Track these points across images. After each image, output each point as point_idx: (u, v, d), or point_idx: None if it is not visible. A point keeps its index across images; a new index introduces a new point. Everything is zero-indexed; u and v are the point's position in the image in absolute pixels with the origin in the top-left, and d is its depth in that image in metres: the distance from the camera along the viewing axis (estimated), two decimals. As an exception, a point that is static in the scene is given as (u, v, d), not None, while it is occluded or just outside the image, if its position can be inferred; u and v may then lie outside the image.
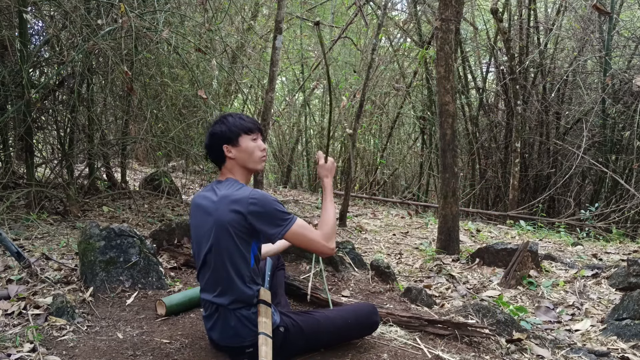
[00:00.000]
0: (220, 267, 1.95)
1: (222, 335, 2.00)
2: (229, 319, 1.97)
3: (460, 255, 4.07)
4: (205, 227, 1.98)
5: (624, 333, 2.52)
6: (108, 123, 5.77)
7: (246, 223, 1.91)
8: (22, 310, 2.38)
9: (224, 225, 1.92)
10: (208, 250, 1.96)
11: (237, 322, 1.96)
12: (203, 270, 2.02)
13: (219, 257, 1.95)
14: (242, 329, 1.96)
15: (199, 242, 2.02)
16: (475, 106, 8.78)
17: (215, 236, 1.94)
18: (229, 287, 1.95)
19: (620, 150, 7.29)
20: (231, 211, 1.91)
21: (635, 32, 7.40)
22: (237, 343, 1.98)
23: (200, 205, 2.03)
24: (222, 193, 1.97)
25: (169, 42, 4.51)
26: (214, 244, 1.94)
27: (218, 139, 2.05)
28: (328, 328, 2.09)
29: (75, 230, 3.99)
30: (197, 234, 2.04)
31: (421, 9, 8.32)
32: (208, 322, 2.05)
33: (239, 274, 1.95)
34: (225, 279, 1.95)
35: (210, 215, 1.96)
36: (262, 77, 8.25)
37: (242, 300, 1.96)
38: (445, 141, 4.13)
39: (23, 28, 4.14)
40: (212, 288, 1.99)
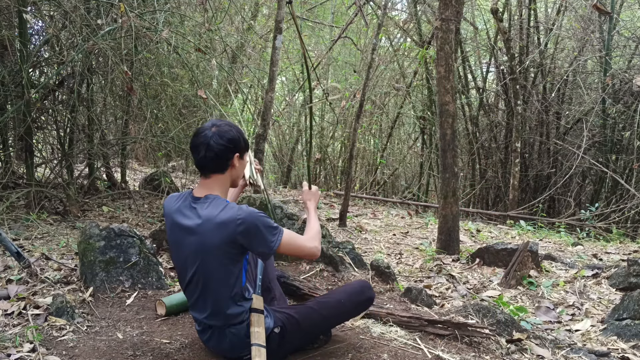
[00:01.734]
0: (208, 291, 1.90)
1: (219, 348, 2.00)
2: (223, 336, 1.96)
3: (460, 255, 4.06)
4: (189, 248, 1.89)
5: (624, 333, 2.52)
6: (108, 123, 5.77)
7: (236, 245, 1.85)
8: (22, 310, 2.38)
9: (211, 251, 1.84)
10: (194, 273, 1.89)
11: (232, 337, 1.95)
12: (190, 290, 1.96)
13: (207, 282, 1.89)
14: (237, 343, 1.95)
15: (183, 262, 1.94)
16: (475, 106, 8.78)
17: (202, 260, 1.86)
18: (219, 310, 1.91)
19: (620, 150, 7.29)
20: (218, 235, 1.83)
21: (635, 32, 7.39)
22: (235, 354, 1.99)
23: (181, 225, 1.91)
24: (205, 214, 1.85)
25: (169, 42, 4.51)
26: (200, 268, 1.88)
27: (235, 145, 1.94)
28: (323, 313, 2.08)
29: (75, 230, 3.98)
30: (180, 254, 1.95)
31: (421, 9, 8.32)
32: (203, 336, 2.03)
33: (229, 295, 1.90)
34: (214, 302, 1.90)
35: (194, 236, 1.87)
36: (262, 77, 8.25)
37: (234, 319, 1.93)
38: (445, 141, 4.13)
39: (23, 28, 4.14)
40: (202, 309, 1.95)
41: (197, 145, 1.92)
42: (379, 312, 2.48)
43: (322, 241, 3.30)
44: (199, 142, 1.92)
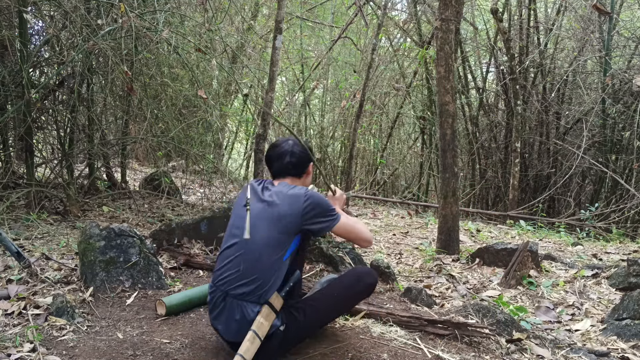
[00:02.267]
0: (255, 256, 2.00)
1: (226, 329, 2.03)
2: (234, 311, 1.99)
3: (460, 255, 4.07)
4: (254, 211, 2.05)
5: (624, 333, 2.52)
6: (108, 123, 5.77)
7: (298, 218, 2.03)
8: (22, 310, 2.38)
9: (276, 217, 2.02)
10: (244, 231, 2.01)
11: (241, 318, 1.98)
12: (229, 253, 2.05)
13: (259, 248, 2.00)
14: (244, 327, 1.97)
15: (239, 225, 2.07)
16: (475, 106, 8.78)
17: (264, 226, 2.02)
18: (255, 277, 1.98)
19: (620, 150, 7.29)
20: (286, 205, 2.04)
21: (635, 32, 7.39)
22: (236, 338, 1.99)
23: (255, 192, 2.14)
24: (277, 189, 2.11)
25: (169, 42, 4.51)
26: (259, 233, 2.01)
27: (309, 155, 2.26)
28: (325, 308, 2.16)
29: (75, 230, 3.99)
30: (239, 217, 2.09)
31: (421, 9, 8.32)
32: (213, 311, 2.07)
33: (270, 267, 2.00)
34: (255, 269, 1.99)
35: (262, 203, 2.07)
36: (262, 77, 8.25)
37: (256, 293, 1.98)
38: (445, 141, 4.13)
39: (23, 28, 4.14)
40: (234, 272, 2.01)
41: (281, 153, 2.22)
42: (379, 312, 2.48)
43: (321, 241, 3.30)
44: (282, 150, 2.22)
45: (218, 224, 3.51)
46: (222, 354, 2.11)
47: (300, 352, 2.13)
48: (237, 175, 10.34)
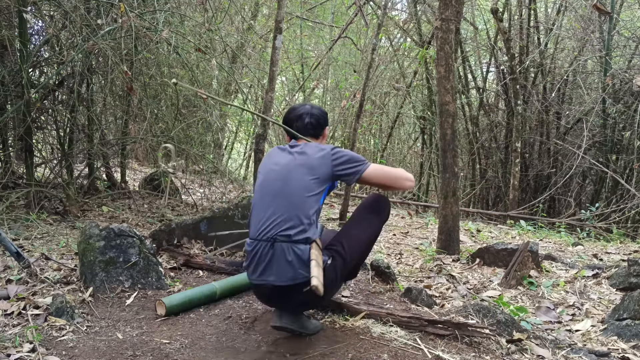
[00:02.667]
0: (293, 200, 2.11)
1: (279, 275, 2.07)
2: (286, 254, 2.06)
3: (460, 255, 4.06)
4: (282, 164, 2.20)
5: (624, 333, 2.52)
6: (108, 123, 5.77)
7: (327, 168, 2.17)
8: (22, 311, 2.38)
9: (308, 165, 2.16)
10: (283, 184, 2.14)
11: (295, 258, 2.05)
12: (266, 203, 2.15)
13: (294, 192, 2.12)
14: (299, 265, 2.05)
15: (266, 178, 2.21)
16: (475, 106, 8.78)
17: (298, 173, 2.15)
18: (297, 217, 2.09)
19: (620, 150, 7.28)
20: (316, 155, 2.19)
21: (635, 32, 7.39)
22: (293, 281, 2.05)
23: (283, 152, 2.26)
24: (304, 144, 2.27)
25: (169, 42, 4.51)
26: (293, 179, 2.14)
27: (326, 118, 2.44)
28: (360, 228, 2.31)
29: (75, 230, 3.98)
30: (269, 172, 2.22)
31: (421, 9, 8.31)
32: (258, 267, 2.11)
33: (310, 208, 2.12)
34: (295, 210, 2.10)
35: (292, 155, 2.21)
36: (262, 77, 8.24)
37: (302, 235, 2.08)
38: (445, 141, 4.12)
39: (23, 28, 4.13)
40: (275, 221, 2.09)
41: (301, 114, 2.38)
42: (379, 312, 2.48)
43: (322, 241, 3.29)
44: (302, 111, 2.39)
45: (218, 224, 3.50)
46: (222, 354, 2.11)
47: (300, 352, 2.12)
48: (237, 175, 10.34)
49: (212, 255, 3.39)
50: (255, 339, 2.27)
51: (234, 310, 2.58)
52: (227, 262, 3.17)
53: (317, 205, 2.16)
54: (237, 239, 3.44)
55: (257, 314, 2.54)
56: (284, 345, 2.20)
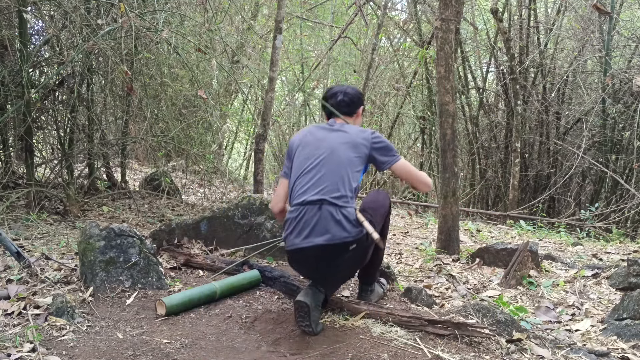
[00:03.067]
0: (338, 170, 2.29)
1: (327, 234, 2.20)
2: (336, 214, 2.22)
3: (460, 255, 4.06)
4: (328, 140, 2.36)
5: (624, 333, 2.52)
6: (108, 123, 5.77)
7: (366, 149, 2.36)
8: (22, 310, 2.38)
9: (352, 143, 2.35)
10: (329, 156, 2.31)
11: (343, 218, 2.22)
12: (310, 175, 2.30)
13: (340, 163, 2.30)
14: (347, 224, 2.21)
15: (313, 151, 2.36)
16: (475, 106, 8.78)
17: (344, 148, 2.33)
18: (342, 186, 2.27)
19: (620, 150, 7.29)
20: (358, 135, 2.38)
21: (635, 32, 7.39)
22: (342, 239, 2.20)
23: (326, 130, 2.44)
24: (342, 124, 2.46)
25: (169, 42, 4.51)
26: (335, 154, 2.32)
27: (360, 98, 2.59)
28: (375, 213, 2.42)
29: (75, 230, 3.98)
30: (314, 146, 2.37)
31: (421, 9, 8.32)
32: (304, 230, 2.23)
33: (354, 181, 2.32)
34: (340, 180, 2.27)
35: (336, 133, 2.39)
36: (262, 77, 8.25)
37: (349, 199, 2.27)
38: (445, 141, 4.13)
39: (23, 28, 4.13)
40: (323, 187, 2.25)
41: (336, 92, 2.55)
42: (379, 312, 2.48)
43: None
44: (337, 90, 2.56)
45: (218, 224, 3.51)
46: (222, 354, 2.11)
47: (301, 352, 2.13)
48: (237, 175, 10.34)
49: (213, 255, 3.40)
50: (255, 339, 2.28)
51: (234, 310, 2.58)
52: (228, 262, 3.17)
53: (356, 182, 2.33)
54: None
55: (257, 314, 2.54)
56: (284, 345, 2.21)
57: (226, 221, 3.49)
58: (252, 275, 2.88)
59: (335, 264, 2.27)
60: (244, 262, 3.09)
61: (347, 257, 2.26)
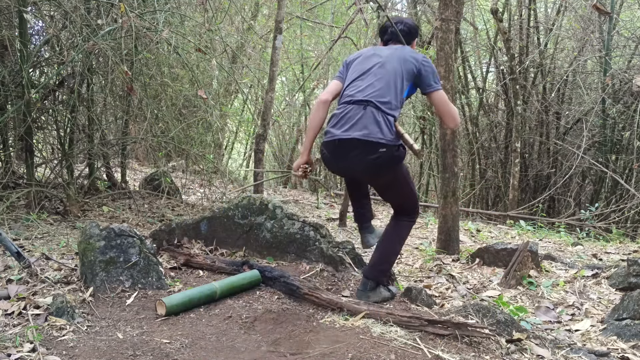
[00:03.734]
0: (387, 79, 2.49)
1: (364, 130, 2.39)
2: (377, 116, 2.41)
3: (460, 255, 4.07)
4: (384, 54, 2.59)
5: (624, 333, 2.52)
6: (108, 123, 5.77)
7: (415, 69, 2.54)
8: (22, 310, 2.38)
9: (403, 58, 2.55)
10: (382, 64, 2.54)
11: (384, 121, 2.41)
12: (362, 80, 2.52)
13: (389, 72, 2.51)
14: (385, 128, 2.40)
15: (367, 61, 2.58)
16: (475, 106, 8.78)
17: (395, 61, 2.54)
18: (389, 94, 2.46)
19: (620, 150, 7.29)
20: (410, 56, 2.57)
21: (635, 32, 7.39)
22: (376, 138, 2.37)
23: (382, 48, 2.68)
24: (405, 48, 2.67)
25: (169, 42, 4.51)
26: (391, 63, 2.53)
27: (417, 32, 2.83)
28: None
29: (75, 230, 3.99)
30: (370, 58, 2.59)
31: (421, 9, 8.32)
32: (346, 125, 2.44)
33: (401, 93, 2.51)
34: (388, 88, 2.47)
35: (390, 50, 2.62)
36: (262, 77, 8.25)
37: (393, 108, 2.46)
38: (445, 141, 4.13)
39: (23, 28, 4.13)
40: (371, 90, 2.46)
41: (396, 22, 2.76)
42: (379, 312, 2.48)
43: (321, 241, 3.30)
44: (397, 20, 2.79)
45: (218, 224, 3.51)
46: (222, 354, 2.11)
47: (301, 352, 2.13)
48: (237, 175, 10.34)
49: (213, 255, 3.40)
50: (255, 339, 2.28)
51: (234, 310, 2.58)
52: (228, 262, 3.17)
53: (402, 95, 2.52)
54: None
55: (257, 314, 2.54)
56: (284, 345, 2.21)
57: (226, 221, 3.49)
58: (252, 275, 2.88)
59: (364, 163, 2.42)
60: (244, 262, 3.09)
61: (375, 161, 2.40)
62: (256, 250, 3.41)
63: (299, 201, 7.18)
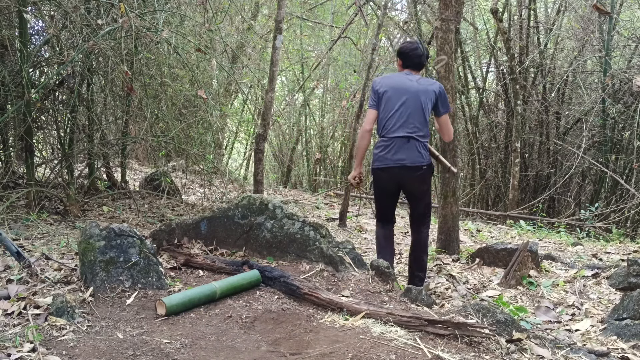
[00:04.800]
0: (419, 113, 3.15)
1: (410, 158, 3.13)
2: (418, 146, 3.14)
3: (460, 255, 4.07)
4: (412, 89, 3.16)
5: (624, 333, 2.52)
6: (108, 123, 5.77)
7: (434, 97, 3.19)
8: (22, 310, 2.38)
9: (426, 92, 3.17)
10: (411, 104, 3.13)
11: (422, 149, 3.16)
12: (400, 113, 3.14)
13: (419, 107, 3.14)
14: (424, 153, 3.17)
15: (400, 96, 3.16)
16: (475, 106, 8.78)
17: (419, 97, 3.14)
18: (422, 126, 3.16)
19: (620, 150, 7.29)
20: (430, 88, 3.19)
21: (635, 32, 7.39)
22: (419, 162, 3.13)
23: (409, 80, 3.21)
24: (424, 80, 3.23)
25: (169, 42, 4.51)
26: (417, 102, 3.14)
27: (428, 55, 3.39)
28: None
29: (75, 230, 3.99)
30: (400, 93, 3.16)
31: (421, 9, 8.31)
32: (397, 153, 3.13)
33: (426, 121, 3.19)
34: (420, 121, 3.15)
35: (415, 83, 3.18)
36: (262, 77, 8.25)
37: (425, 137, 3.19)
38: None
39: (23, 28, 4.13)
40: (410, 127, 3.14)
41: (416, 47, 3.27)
42: (379, 312, 2.48)
43: (321, 241, 3.30)
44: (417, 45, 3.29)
45: (218, 224, 3.51)
46: (222, 354, 2.11)
47: (301, 352, 2.13)
48: (237, 175, 10.34)
49: (213, 255, 3.40)
50: (255, 339, 2.28)
51: (234, 310, 2.58)
52: (228, 262, 3.17)
53: (427, 121, 3.21)
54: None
55: (257, 314, 2.54)
56: (284, 345, 2.21)
57: (226, 221, 3.49)
58: (252, 275, 2.88)
59: (415, 181, 3.21)
60: (244, 262, 3.09)
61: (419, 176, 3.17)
62: (256, 250, 3.41)
63: (299, 201, 7.18)
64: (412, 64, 3.25)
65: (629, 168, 7.05)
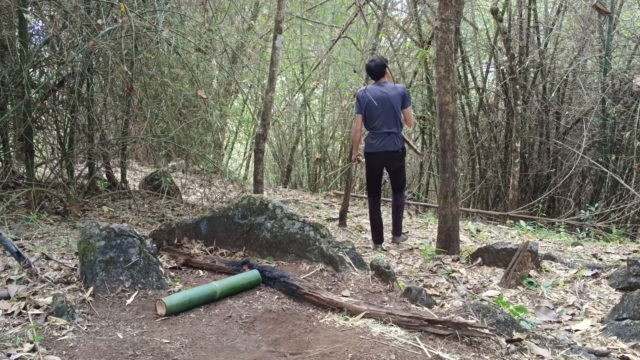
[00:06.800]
0: (393, 115, 4.24)
1: (391, 145, 4.25)
2: (395, 138, 4.27)
3: (460, 255, 4.06)
4: (385, 98, 4.22)
5: (624, 333, 2.52)
6: (108, 123, 5.77)
7: (400, 97, 4.27)
8: (22, 310, 2.38)
9: (394, 97, 4.24)
10: (388, 110, 4.23)
11: (397, 139, 4.28)
12: (381, 118, 4.23)
13: (392, 111, 4.24)
14: (399, 142, 4.29)
15: (380, 105, 4.22)
16: (475, 106, 8.78)
17: (392, 101, 4.23)
18: (396, 124, 4.26)
19: (620, 150, 7.29)
20: (396, 92, 4.27)
21: (635, 32, 7.39)
22: (396, 148, 4.25)
23: (380, 91, 4.26)
24: (390, 87, 4.30)
25: (169, 42, 4.51)
26: (391, 107, 4.23)
27: (384, 64, 4.33)
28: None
29: (75, 230, 3.99)
30: (378, 103, 4.20)
31: (421, 9, 8.32)
32: (382, 142, 4.25)
33: (399, 119, 4.30)
34: (395, 120, 4.25)
35: (386, 94, 4.24)
36: (262, 77, 8.25)
37: (399, 130, 4.31)
38: (445, 141, 4.13)
39: (23, 28, 4.13)
40: (389, 125, 4.25)
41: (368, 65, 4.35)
42: (379, 312, 2.48)
43: (321, 241, 3.30)
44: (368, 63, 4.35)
45: (218, 224, 3.51)
46: (222, 354, 2.11)
47: (301, 352, 2.13)
48: (237, 175, 10.34)
49: (213, 255, 3.40)
50: (255, 339, 2.28)
51: (234, 310, 2.58)
52: (228, 262, 3.17)
53: (400, 116, 4.30)
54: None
55: (257, 314, 2.54)
56: (284, 345, 2.21)
57: (226, 221, 3.49)
58: (252, 275, 2.88)
59: (394, 161, 4.33)
60: (244, 262, 3.09)
61: (397, 157, 4.30)
62: (256, 250, 3.41)
63: (299, 201, 7.18)
64: (374, 76, 4.34)
65: (629, 168, 7.05)
